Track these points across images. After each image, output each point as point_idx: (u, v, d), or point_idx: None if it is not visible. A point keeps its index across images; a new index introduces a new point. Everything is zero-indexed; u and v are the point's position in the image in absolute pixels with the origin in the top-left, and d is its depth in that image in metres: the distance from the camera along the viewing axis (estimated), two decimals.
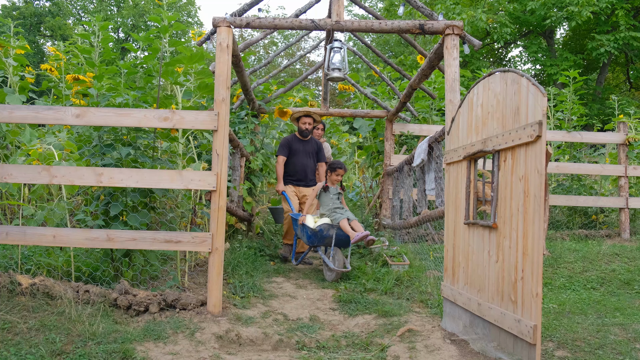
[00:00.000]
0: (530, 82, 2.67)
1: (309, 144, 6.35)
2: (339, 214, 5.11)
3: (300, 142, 6.30)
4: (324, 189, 5.43)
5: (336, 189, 5.46)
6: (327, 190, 5.42)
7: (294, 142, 6.28)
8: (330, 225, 5.01)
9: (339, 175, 5.46)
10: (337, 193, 5.45)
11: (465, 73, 8.75)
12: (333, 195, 5.42)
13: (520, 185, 2.74)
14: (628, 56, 16.75)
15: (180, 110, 3.77)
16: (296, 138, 6.33)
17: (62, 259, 3.97)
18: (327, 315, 3.94)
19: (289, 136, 6.41)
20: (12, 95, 5.62)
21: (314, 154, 6.38)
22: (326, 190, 5.42)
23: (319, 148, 6.46)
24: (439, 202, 4.90)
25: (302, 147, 6.28)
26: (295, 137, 6.35)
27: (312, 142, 6.41)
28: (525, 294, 2.66)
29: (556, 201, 6.65)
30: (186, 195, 4.61)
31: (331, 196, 5.40)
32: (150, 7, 26.81)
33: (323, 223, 5.00)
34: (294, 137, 6.36)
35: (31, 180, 3.68)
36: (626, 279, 4.78)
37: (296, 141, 6.30)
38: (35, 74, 6.96)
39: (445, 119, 3.93)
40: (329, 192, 5.42)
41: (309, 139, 6.37)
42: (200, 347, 3.11)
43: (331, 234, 4.96)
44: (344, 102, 18.06)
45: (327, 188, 5.43)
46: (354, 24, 4.22)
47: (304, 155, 6.27)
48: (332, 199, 5.38)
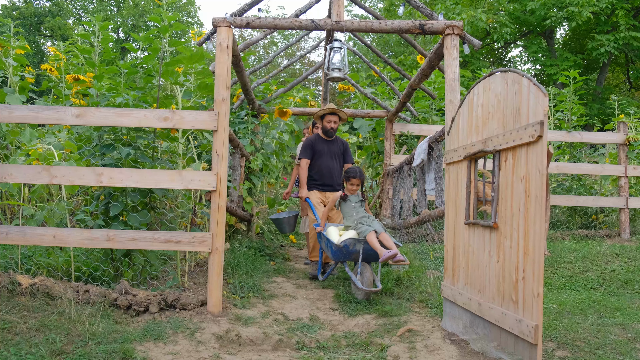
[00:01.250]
0: (531, 82, 2.67)
1: (334, 144, 5.75)
2: (365, 226, 4.43)
3: (324, 142, 5.70)
4: (342, 198, 4.86)
5: (357, 196, 4.87)
6: (346, 200, 4.83)
7: (318, 143, 5.68)
8: (356, 240, 4.37)
9: (353, 185, 4.86)
10: (359, 200, 4.85)
11: (465, 73, 8.76)
12: (355, 204, 4.81)
13: (521, 186, 2.74)
14: (628, 56, 16.75)
15: (180, 110, 3.77)
16: (320, 138, 5.74)
17: (62, 259, 3.97)
18: (327, 315, 3.94)
19: (311, 137, 5.86)
20: (12, 95, 5.62)
21: (340, 155, 5.76)
22: (345, 200, 4.84)
23: (345, 148, 5.84)
24: (439, 202, 4.90)
25: (327, 148, 5.68)
26: (319, 138, 5.75)
27: (338, 142, 5.80)
28: (526, 294, 2.66)
29: (556, 201, 6.65)
30: (186, 195, 4.61)
31: (353, 205, 4.80)
32: (150, 7, 26.81)
33: (348, 238, 4.38)
34: (318, 137, 5.75)
35: (31, 180, 3.68)
36: (626, 279, 4.78)
37: (320, 142, 5.71)
38: (35, 74, 6.96)
39: (445, 119, 3.93)
40: (349, 201, 4.82)
41: (334, 139, 5.78)
42: (200, 347, 3.11)
43: (358, 249, 4.35)
44: (344, 102, 18.07)
45: (345, 197, 4.85)
46: (354, 24, 4.22)
47: (330, 156, 5.67)
48: (354, 207, 4.78)
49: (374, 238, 4.28)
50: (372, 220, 4.56)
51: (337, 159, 5.71)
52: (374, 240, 4.25)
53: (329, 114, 5.64)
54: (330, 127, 5.64)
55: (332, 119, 5.63)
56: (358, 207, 4.78)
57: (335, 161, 5.69)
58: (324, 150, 5.65)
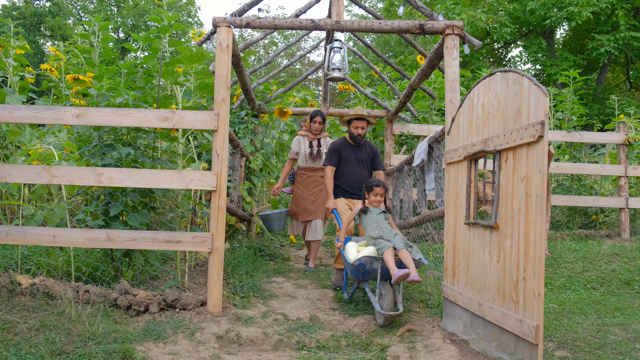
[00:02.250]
0: (532, 82, 2.67)
1: (362, 150, 5.25)
2: (384, 242, 3.97)
3: (351, 148, 5.21)
4: (362, 211, 4.38)
5: (379, 208, 4.40)
6: (366, 213, 4.36)
7: (345, 149, 5.19)
8: (372, 258, 3.90)
9: (377, 196, 4.37)
10: (382, 212, 4.36)
11: (465, 73, 8.75)
12: (377, 216, 4.31)
13: (522, 186, 2.74)
14: (628, 56, 16.75)
15: (180, 110, 3.77)
16: (347, 143, 5.23)
17: (62, 259, 3.97)
18: (327, 315, 3.94)
19: (337, 141, 5.32)
20: (12, 95, 5.61)
21: (368, 161, 5.26)
22: (366, 213, 4.36)
23: (374, 153, 5.31)
24: (439, 202, 4.90)
25: (353, 155, 5.19)
26: (345, 142, 5.24)
27: (366, 148, 5.28)
28: (527, 294, 2.66)
29: (556, 201, 6.65)
30: (186, 195, 4.61)
31: (375, 216, 4.30)
32: (150, 7, 26.81)
33: (363, 256, 3.94)
34: (344, 142, 5.25)
35: (31, 180, 3.68)
36: (626, 279, 4.78)
37: (347, 147, 5.20)
38: (35, 74, 6.96)
39: (445, 119, 3.93)
40: (370, 213, 4.33)
41: (364, 142, 5.30)
42: (200, 347, 3.11)
43: (375, 268, 3.91)
44: (344, 102, 18.06)
45: (366, 210, 4.37)
46: (354, 24, 4.22)
47: (357, 163, 5.19)
48: (375, 220, 4.28)
49: (389, 255, 3.82)
50: (394, 235, 4.10)
51: (365, 166, 5.24)
52: (389, 258, 3.80)
53: (355, 119, 5.12)
54: (357, 134, 5.12)
55: (360, 124, 5.11)
56: (380, 219, 4.29)
57: (363, 168, 5.22)
58: (350, 157, 5.18)
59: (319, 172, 5.85)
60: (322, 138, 5.91)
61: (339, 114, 7.75)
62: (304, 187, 5.86)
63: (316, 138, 5.87)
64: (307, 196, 5.80)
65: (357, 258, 3.95)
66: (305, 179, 5.89)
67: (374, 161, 5.30)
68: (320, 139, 5.91)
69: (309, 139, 5.87)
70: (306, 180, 5.88)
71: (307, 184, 5.86)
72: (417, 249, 4.00)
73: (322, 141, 5.91)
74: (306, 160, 5.88)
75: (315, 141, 5.88)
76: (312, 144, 5.87)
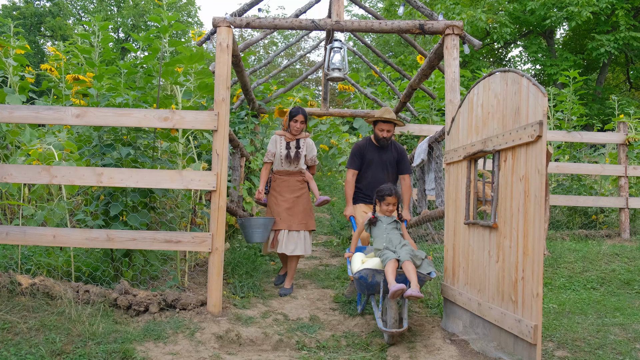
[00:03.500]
0: (531, 82, 2.67)
1: (387, 152, 4.75)
2: (388, 254, 3.66)
3: (375, 149, 4.73)
4: (370, 222, 4.04)
5: (391, 217, 4.04)
6: (375, 223, 4.02)
7: (368, 150, 4.73)
8: (374, 271, 3.63)
9: (389, 206, 4.00)
10: (393, 222, 4.00)
11: (465, 73, 8.76)
12: (387, 226, 3.97)
13: (521, 185, 2.74)
14: (628, 56, 16.75)
15: (180, 110, 3.78)
16: (371, 144, 4.75)
17: (62, 259, 3.97)
18: (327, 315, 3.94)
19: (361, 141, 4.85)
20: (12, 95, 5.62)
21: (393, 164, 4.76)
22: (375, 224, 4.02)
23: (400, 156, 4.79)
24: (439, 202, 4.91)
25: (377, 157, 4.72)
26: (369, 143, 4.76)
27: (392, 150, 4.77)
28: (525, 294, 2.66)
29: (556, 201, 6.65)
30: (186, 195, 4.61)
31: (385, 227, 3.96)
32: (150, 7, 26.82)
33: (364, 268, 3.68)
34: (368, 143, 4.77)
35: (31, 180, 3.68)
36: (626, 279, 4.78)
37: (371, 148, 4.73)
38: (35, 74, 6.96)
39: (445, 119, 3.93)
40: (380, 224, 3.99)
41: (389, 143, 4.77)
42: (200, 347, 3.11)
43: (378, 281, 3.64)
44: (344, 102, 18.06)
45: (374, 221, 4.02)
46: (354, 24, 4.22)
47: (380, 166, 4.72)
48: (385, 230, 3.94)
49: (390, 268, 3.50)
50: (402, 246, 3.76)
51: (389, 170, 4.75)
52: (389, 271, 3.48)
53: (381, 122, 4.64)
54: (382, 137, 4.64)
55: (386, 127, 4.62)
56: (390, 229, 3.96)
57: (387, 172, 4.74)
58: (374, 160, 4.72)
59: (296, 177, 4.89)
60: (301, 139, 4.95)
61: (338, 114, 7.75)
62: (278, 192, 4.86)
63: (295, 139, 4.92)
64: (280, 202, 4.80)
65: (358, 270, 3.71)
66: (280, 183, 4.89)
67: (400, 164, 4.78)
68: (300, 139, 4.94)
69: (286, 139, 4.91)
70: (281, 185, 4.87)
71: (281, 189, 4.86)
72: (430, 261, 3.69)
73: (301, 142, 4.93)
74: (282, 163, 4.87)
75: (293, 142, 4.91)
76: (290, 145, 4.90)
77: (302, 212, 4.79)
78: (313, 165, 5.05)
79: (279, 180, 4.91)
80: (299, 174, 4.92)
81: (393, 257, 3.58)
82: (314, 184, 5.02)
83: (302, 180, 4.92)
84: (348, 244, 6.72)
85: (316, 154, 5.06)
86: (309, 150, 4.94)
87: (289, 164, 4.89)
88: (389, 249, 3.73)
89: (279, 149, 4.91)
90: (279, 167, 4.92)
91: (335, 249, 6.94)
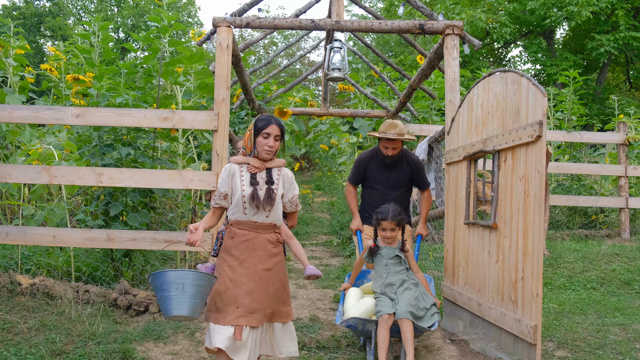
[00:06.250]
0: (531, 82, 2.67)
1: (396, 168, 3.94)
2: (384, 303, 3.04)
3: (382, 165, 3.94)
4: (371, 252, 3.32)
5: (394, 249, 3.27)
6: (376, 254, 3.30)
7: (373, 166, 3.97)
8: (364, 321, 3.02)
9: (385, 232, 3.25)
10: (395, 256, 3.26)
11: (465, 73, 8.75)
12: (388, 261, 3.24)
13: (521, 185, 2.74)
14: (628, 56, 16.74)
15: (180, 110, 3.78)
16: (377, 158, 3.96)
17: (62, 259, 3.98)
18: (327, 315, 3.94)
19: (366, 153, 4.06)
20: (12, 95, 5.62)
21: (404, 181, 3.97)
22: (375, 254, 3.31)
23: (414, 171, 3.97)
24: (439, 202, 4.91)
25: (384, 176, 3.95)
26: (376, 155, 3.98)
27: (403, 165, 3.95)
28: (525, 294, 2.66)
29: (556, 201, 6.65)
30: (186, 195, 4.61)
31: (385, 262, 3.25)
32: (150, 7, 26.81)
33: (351, 317, 3.04)
34: (375, 154, 3.99)
35: (31, 180, 3.68)
36: (626, 279, 4.78)
37: (377, 161, 3.96)
38: (35, 74, 6.96)
39: (445, 119, 3.93)
40: (381, 257, 3.28)
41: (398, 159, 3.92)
42: (200, 347, 3.11)
43: (369, 329, 3.04)
44: (344, 102, 18.06)
45: (375, 250, 3.31)
46: (354, 24, 4.22)
47: (387, 182, 3.95)
48: (386, 268, 3.23)
49: (382, 329, 2.93)
50: (404, 291, 3.11)
51: (398, 187, 3.98)
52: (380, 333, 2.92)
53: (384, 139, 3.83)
54: (386, 154, 3.87)
55: (390, 145, 3.82)
56: (391, 265, 3.23)
57: (396, 189, 3.97)
58: (378, 176, 3.96)
59: (267, 233, 2.69)
60: (274, 168, 2.74)
61: (338, 114, 7.74)
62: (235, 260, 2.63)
63: (263, 168, 2.72)
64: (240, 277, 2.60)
65: (345, 319, 3.09)
66: (239, 243, 2.64)
67: (416, 179, 4.02)
68: (272, 169, 2.74)
69: (250, 170, 2.68)
70: (241, 247, 2.64)
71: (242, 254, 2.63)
72: (436, 309, 3.11)
73: (274, 173, 2.74)
74: (243, 209, 2.64)
75: (262, 173, 2.70)
76: (256, 178, 2.68)
77: (273, 295, 2.72)
78: (294, 212, 2.85)
79: (239, 238, 2.65)
80: (271, 229, 2.71)
81: (388, 311, 2.97)
82: (297, 245, 2.85)
83: (277, 240, 2.73)
84: (348, 244, 6.71)
85: (298, 194, 2.84)
86: (287, 186, 2.77)
87: (256, 211, 2.65)
88: (387, 295, 3.11)
89: (239, 185, 2.66)
90: (240, 215, 2.66)
91: (335, 249, 6.93)
